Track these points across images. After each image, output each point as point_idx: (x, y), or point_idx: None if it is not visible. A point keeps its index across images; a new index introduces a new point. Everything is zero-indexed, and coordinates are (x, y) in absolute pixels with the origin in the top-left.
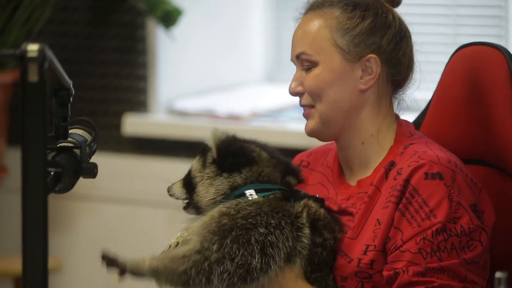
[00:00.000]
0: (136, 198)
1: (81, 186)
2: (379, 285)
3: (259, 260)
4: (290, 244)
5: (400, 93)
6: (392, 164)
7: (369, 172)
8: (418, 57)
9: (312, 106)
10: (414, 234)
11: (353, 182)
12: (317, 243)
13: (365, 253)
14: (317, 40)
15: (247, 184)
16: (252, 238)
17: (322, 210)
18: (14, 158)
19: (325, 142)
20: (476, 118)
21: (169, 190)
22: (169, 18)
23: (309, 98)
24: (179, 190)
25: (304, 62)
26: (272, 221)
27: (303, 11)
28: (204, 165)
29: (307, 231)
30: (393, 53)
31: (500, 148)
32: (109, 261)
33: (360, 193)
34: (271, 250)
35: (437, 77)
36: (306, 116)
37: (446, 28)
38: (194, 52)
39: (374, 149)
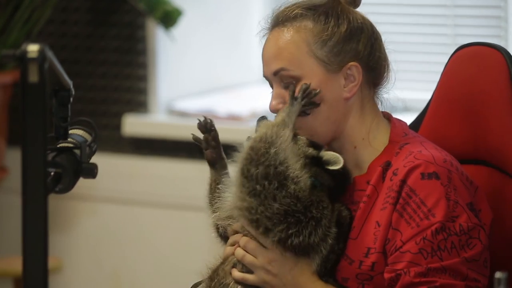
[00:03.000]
0: (136, 198)
1: (81, 187)
2: (379, 287)
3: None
4: (317, 239)
5: (380, 92)
6: (388, 164)
7: (363, 171)
8: (416, 57)
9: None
10: (413, 234)
11: None
12: (335, 250)
13: (366, 255)
14: (296, 55)
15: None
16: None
17: (348, 220)
18: (14, 159)
19: None
20: (475, 118)
21: (262, 119)
22: (169, 18)
23: None
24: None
25: (284, 78)
26: (314, 212)
27: (269, 26)
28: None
29: (333, 234)
30: (370, 57)
31: (499, 148)
32: None
33: (357, 191)
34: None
35: (436, 78)
36: None
37: (445, 28)
38: (194, 53)
39: (367, 151)
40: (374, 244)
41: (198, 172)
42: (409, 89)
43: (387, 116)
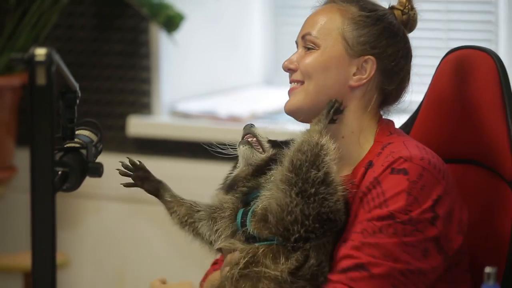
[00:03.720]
0: (140, 196)
1: (87, 185)
2: None
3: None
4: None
5: (387, 107)
6: (370, 164)
7: (349, 171)
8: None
9: (301, 83)
10: (364, 218)
11: None
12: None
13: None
14: (327, 26)
15: None
16: None
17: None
18: (22, 158)
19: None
20: (465, 119)
21: (251, 126)
22: (172, 23)
23: (300, 75)
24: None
25: (307, 42)
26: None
27: (323, 1)
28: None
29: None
30: (391, 64)
31: (489, 148)
32: None
33: None
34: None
35: (428, 80)
36: (290, 92)
37: (438, 32)
38: (196, 56)
39: (353, 146)
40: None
41: (199, 171)
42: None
43: (378, 119)
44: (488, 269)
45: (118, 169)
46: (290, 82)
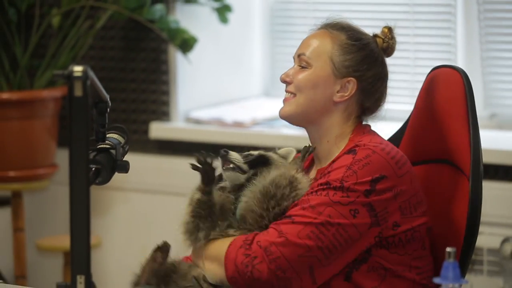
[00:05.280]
0: (160, 189)
1: (116, 180)
2: None
3: None
4: None
5: (365, 118)
6: (339, 157)
7: (325, 164)
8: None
9: (294, 95)
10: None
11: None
12: None
13: None
14: (319, 49)
15: None
16: None
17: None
18: (63, 157)
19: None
20: (439, 125)
21: (226, 153)
22: (187, 45)
23: (293, 88)
24: (238, 156)
25: (302, 61)
26: None
27: (318, 26)
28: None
29: None
30: (369, 86)
31: (456, 150)
32: None
33: (316, 180)
34: None
35: (401, 92)
36: (285, 101)
37: (408, 53)
38: (206, 72)
39: (334, 147)
40: None
41: None
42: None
43: (358, 123)
44: (448, 249)
45: (191, 164)
46: (286, 91)
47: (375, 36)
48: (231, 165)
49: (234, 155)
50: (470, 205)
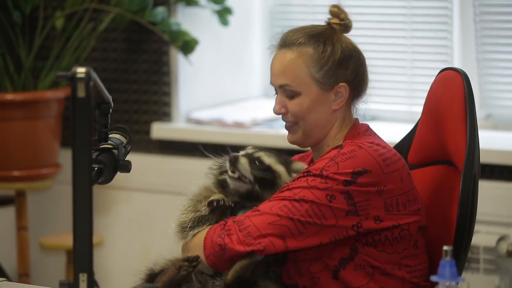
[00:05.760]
0: (161, 188)
1: (118, 179)
2: None
3: None
4: None
5: (357, 101)
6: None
7: None
8: (384, 77)
9: (295, 123)
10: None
11: None
12: None
13: None
14: (298, 75)
15: None
16: None
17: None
18: (66, 157)
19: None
20: (442, 126)
21: (235, 161)
22: (188, 46)
23: (292, 118)
24: (247, 167)
25: (287, 91)
26: None
27: (277, 45)
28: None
29: None
30: (356, 79)
31: (455, 151)
32: None
33: None
34: None
35: (399, 93)
36: (289, 129)
37: (405, 55)
38: (207, 74)
39: (330, 147)
40: None
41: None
42: (376, 102)
43: (354, 121)
44: (445, 247)
45: (209, 203)
46: (284, 121)
47: (330, 22)
48: (237, 174)
49: (243, 165)
50: (460, 203)
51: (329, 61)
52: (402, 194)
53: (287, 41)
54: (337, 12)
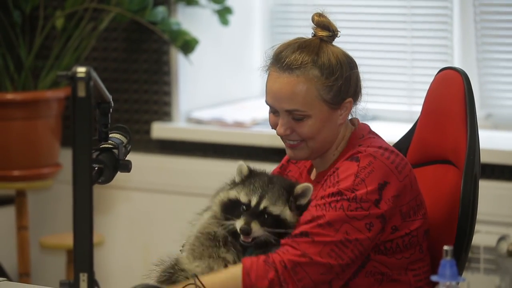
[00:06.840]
0: (162, 188)
1: (118, 179)
2: None
3: None
4: None
5: (356, 105)
6: (337, 160)
7: (325, 168)
8: (384, 76)
9: (301, 141)
10: (319, 196)
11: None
12: None
13: None
14: (307, 100)
15: None
16: None
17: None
18: (66, 156)
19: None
20: (444, 127)
21: (248, 232)
22: (188, 46)
23: (298, 137)
24: (259, 229)
25: (295, 115)
26: None
27: (274, 67)
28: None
29: None
30: (357, 89)
31: (456, 150)
32: None
33: (317, 183)
34: None
35: (397, 93)
36: (293, 147)
37: (405, 54)
38: (207, 73)
39: (335, 151)
40: None
41: (209, 167)
42: (376, 102)
43: (354, 121)
44: (446, 247)
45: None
46: (288, 141)
47: (317, 35)
48: (251, 240)
49: (256, 231)
50: (461, 203)
51: (337, 81)
52: (412, 199)
53: (288, 64)
54: (322, 22)
